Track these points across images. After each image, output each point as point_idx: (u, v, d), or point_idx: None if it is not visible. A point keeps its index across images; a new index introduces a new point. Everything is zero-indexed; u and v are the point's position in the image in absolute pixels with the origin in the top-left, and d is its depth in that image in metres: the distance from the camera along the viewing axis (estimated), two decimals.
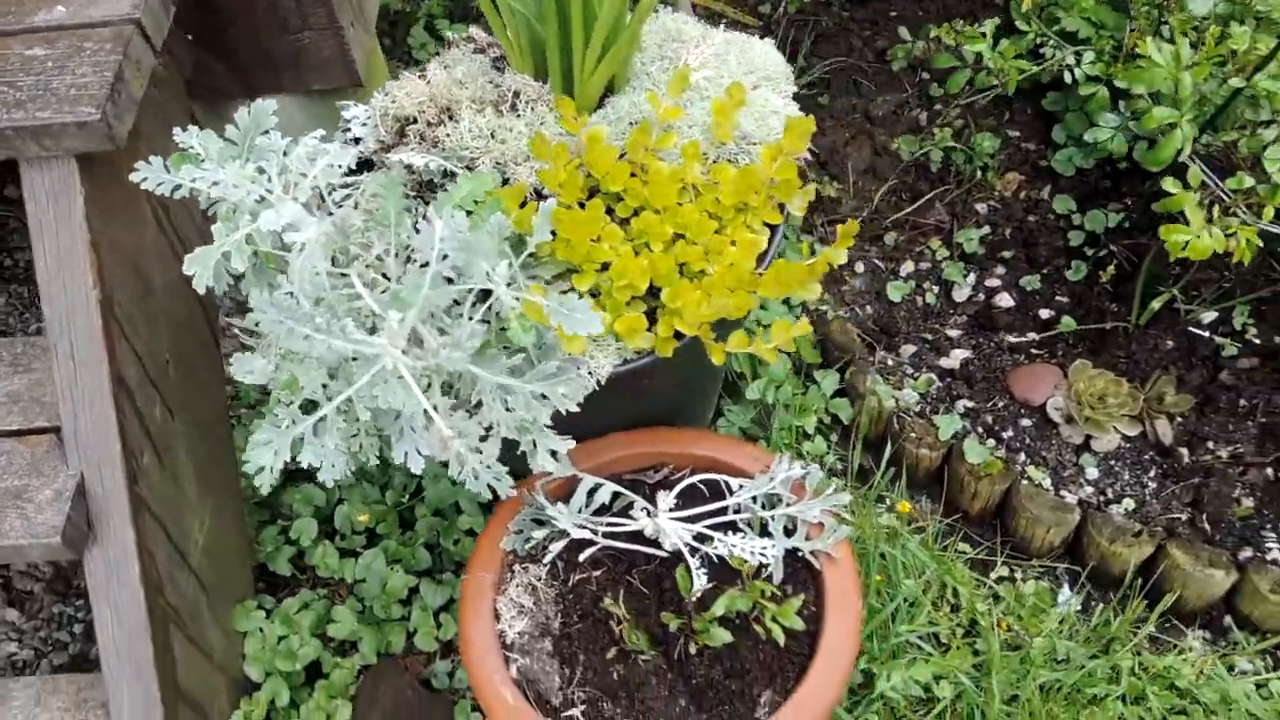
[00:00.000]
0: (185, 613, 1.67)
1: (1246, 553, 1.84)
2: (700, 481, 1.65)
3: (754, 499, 1.58)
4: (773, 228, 1.56)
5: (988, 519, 2.05)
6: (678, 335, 1.47)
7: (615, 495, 1.63)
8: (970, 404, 2.10)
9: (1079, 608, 1.95)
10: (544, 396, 1.28)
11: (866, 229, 2.50)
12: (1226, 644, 1.89)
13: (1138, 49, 1.75)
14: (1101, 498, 1.95)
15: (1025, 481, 1.95)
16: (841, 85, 2.80)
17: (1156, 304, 2.06)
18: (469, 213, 1.40)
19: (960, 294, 2.30)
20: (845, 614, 1.50)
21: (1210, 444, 1.98)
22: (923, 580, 1.93)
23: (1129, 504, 1.92)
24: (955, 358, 2.19)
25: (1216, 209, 1.67)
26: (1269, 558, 1.84)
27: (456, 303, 1.38)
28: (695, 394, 1.88)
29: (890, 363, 2.21)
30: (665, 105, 1.53)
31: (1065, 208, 2.36)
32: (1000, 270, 2.33)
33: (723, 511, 1.59)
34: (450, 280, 1.32)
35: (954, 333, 2.24)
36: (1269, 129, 1.64)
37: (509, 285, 1.34)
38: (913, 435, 2.03)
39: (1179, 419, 2.01)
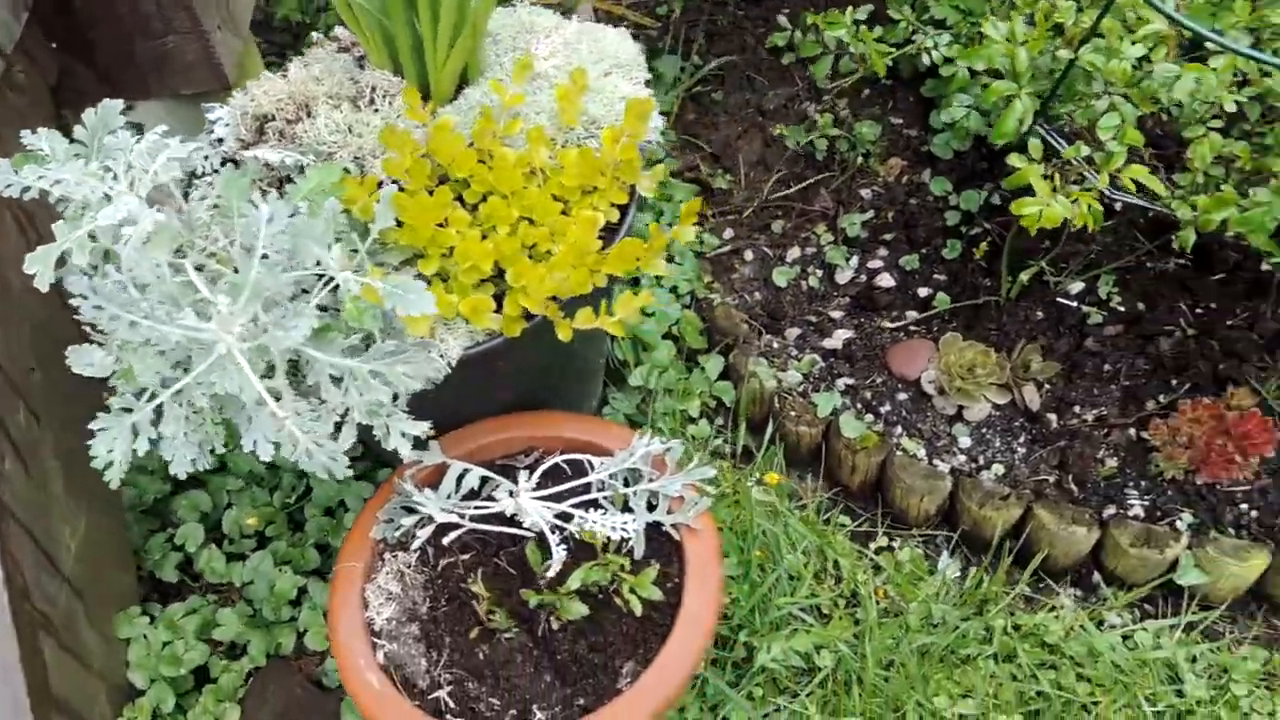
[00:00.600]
0: (57, 619, 1.66)
1: (1110, 510, 1.90)
2: (568, 462, 1.67)
3: (615, 476, 1.61)
4: (624, 208, 1.59)
5: (868, 492, 2.09)
6: (529, 316, 1.50)
7: (485, 480, 1.65)
8: (850, 381, 2.14)
9: (957, 573, 2.00)
10: (380, 376, 1.30)
11: (756, 218, 2.55)
12: (1096, 599, 1.95)
13: (983, 29, 1.81)
14: (973, 465, 2.00)
15: (900, 453, 2.00)
16: (735, 81, 2.85)
17: (1025, 276, 2.13)
18: (311, 202, 1.42)
19: (843, 276, 2.36)
20: (705, 583, 1.53)
21: (1076, 408, 2.04)
22: (805, 554, 1.96)
23: (998, 469, 1.97)
24: (838, 338, 2.24)
25: (1059, 178, 1.73)
26: (1131, 513, 1.90)
27: (305, 291, 1.41)
28: (570, 380, 1.91)
29: (775, 345, 2.25)
30: (510, 92, 1.56)
31: (942, 189, 2.42)
32: (882, 252, 2.39)
33: (586, 489, 1.62)
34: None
35: (837, 314, 2.29)
36: (1101, 100, 1.70)
37: (356, 271, 1.36)
38: (792, 414, 2.07)
39: (1047, 386, 2.07)
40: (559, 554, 1.53)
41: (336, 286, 1.34)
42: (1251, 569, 1.79)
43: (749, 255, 2.46)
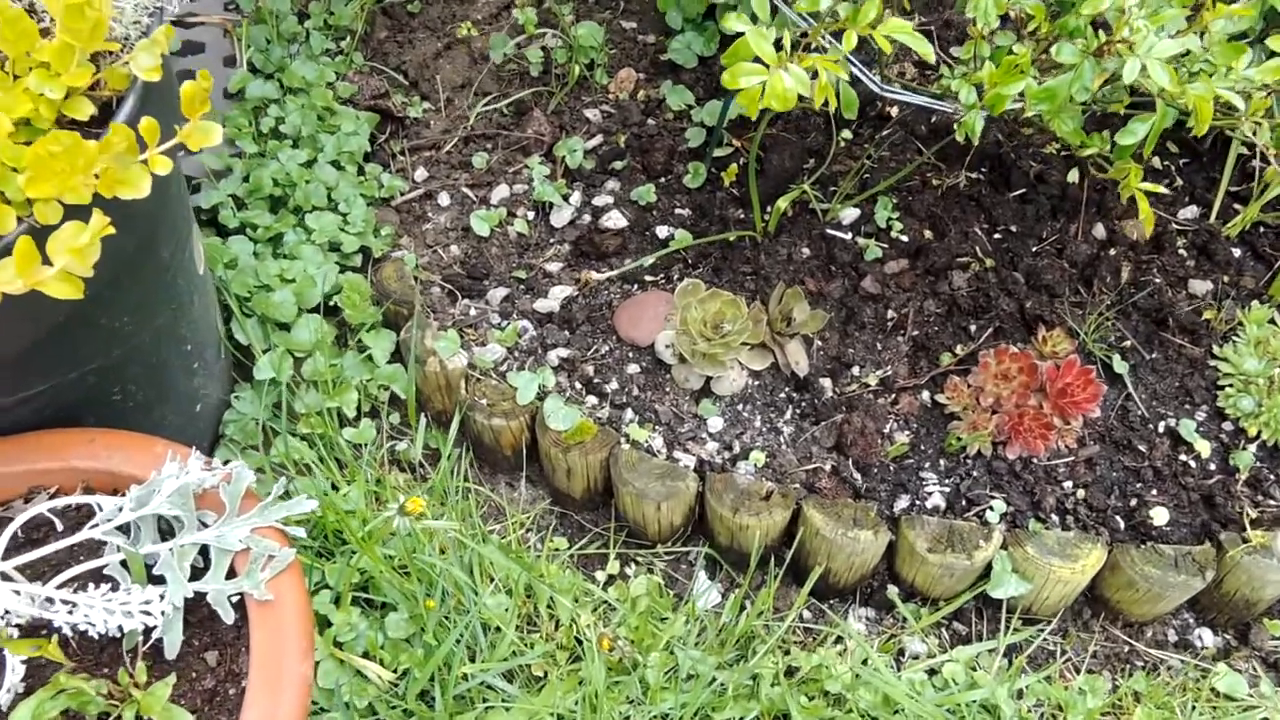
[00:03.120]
0: None
1: (903, 502, 1.43)
2: (79, 506, 1.04)
3: (134, 526, 0.99)
4: (113, 102, 0.97)
5: (596, 502, 1.55)
6: None
7: None
8: (567, 353, 1.59)
9: (716, 600, 1.49)
10: None
11: (459, 154, 1.96)
12: (894, 621, 1.47)
13: None
14: (727, 454, 1.49)
15: (627, 446, 1.47)
16: None
17: (784, 203, 1.63)
18: None
19: (560, 218, 1.80)
20: (277, 687, 0.94)
21: (854, 369, 1.56)
22: (508, 595, 1.40)
23: (759, 458, 1.46)
24: (554, 297, 1.68)
25: (793, 50, 1.22)
26: (928, 504, 1.42)
27: None
28: (136, 377, 1.26)
29: (474, 313, 1.68)
30: None
31: (682, 101, 1.91)
32: (612, 185, 1.85)
33: (92, 550, 0.99)
34: None
35: (554, 266, 1.74)
36: None
37: None
38: (484, 402, 1.50)
39: (818, 343, 1.58)
40: (11, 674, 0.90)
41: None
42: (1083, 569, 1.34)
43: (444, 200, 1.87)
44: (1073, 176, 1.74)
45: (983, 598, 1.41)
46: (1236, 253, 1.68)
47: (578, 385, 1.56)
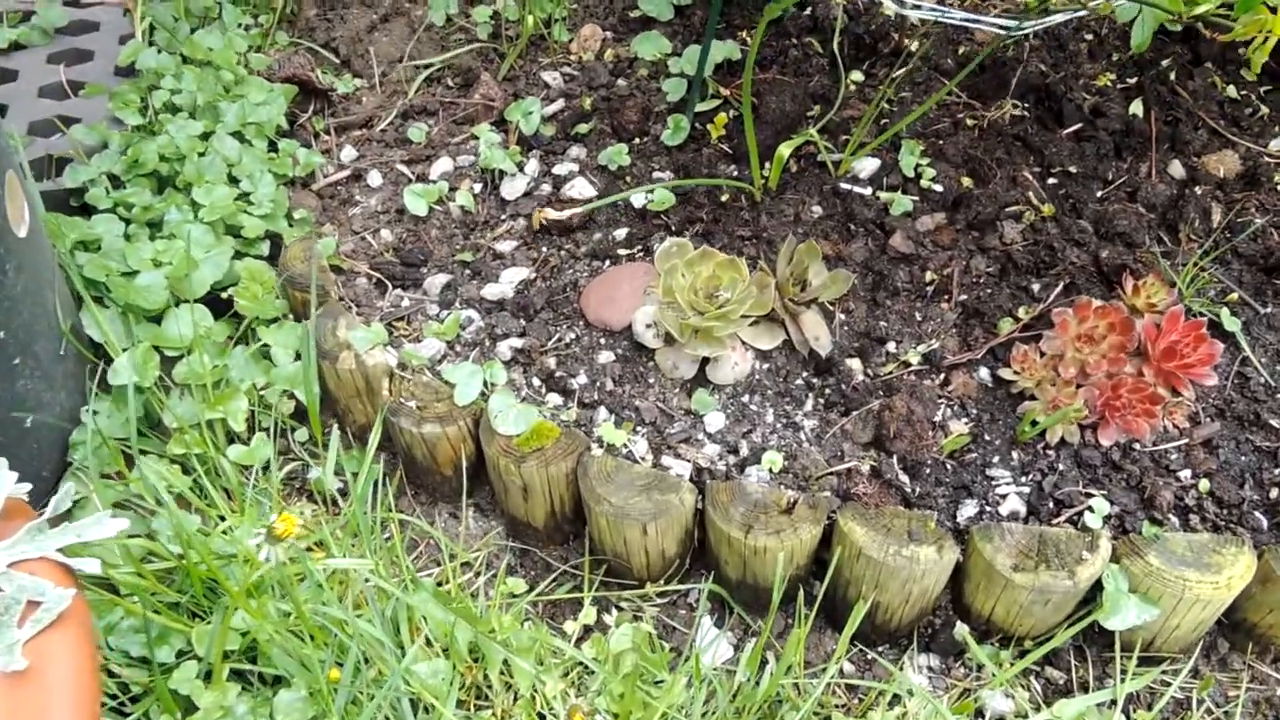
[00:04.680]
0: None
1: (969, 508, 1.07)
2: None
3: None
4: None
5: (565, 529, 1.19)
6: None
7: None
8: (521, 343, 1.25)
9: (728, 654, 1.12)
10: None
11: (396, 131, 1.64)
12: (967, 671, 1.10)
13: None
14: (731, 458, 1.13)
15: (598, 452, 1.11)
16: None
17: (786, 150, 1.30)
18: None
19: (513, 188, 1.47)
20: None
21: (891, 345, 1.21)
22: (447, 657, 1.04)
23: (774, 461, 1.11)
24: (507, 281, 1.35)
25: None
26: (1003, 509, 1.07)
27: None
28: None
29: (407, 304, 1.33)
30: None
31: (656, 50, 1.59)
32: (576, 152, 1.52)
33: None
34: None
35: (506, 245, 1.40)
36: None
37: None
38: (410, 405, 1.15)
39: (842, 316, 1.24)
40: None
41: None
42: (1228, 583, 0.98)
43: (376, 180, 1.54)
44: (1136, 108, 1.43)
45: (1085, 633, 1.05)
46: None
47: (536, 382, 1.22)
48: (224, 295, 1.32)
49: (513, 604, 1.13)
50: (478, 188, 1.49)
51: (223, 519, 1.12)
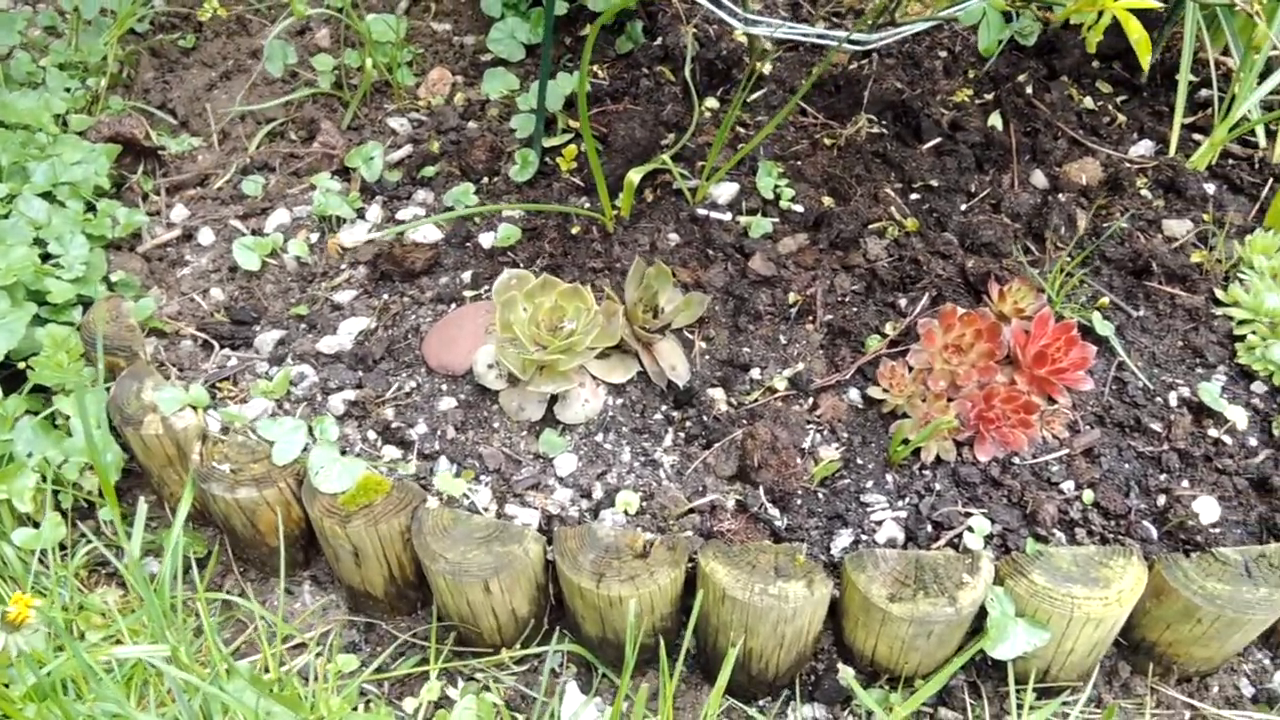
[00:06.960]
0: None
1: (843, 538, 0.98)
2: None
3: None
4: None
5: (413, 598, 1.07)
6: None
7: None
8: (355, 395, 1.13)
9: (598, 718, 1.00)
10: None
11: (233, 188, 1.53)
12: (856, 718, 1.00)
13: None
14: (585, 503, 1.03)
15: (433, 504, 1.00)
16: (219, 23, 1.87)
17: (636, 176, 1.22)
18: None
19: (353, 236, 1.37)
20: None
21: (755, 372, 1.13)
22: None
23: (629, 502, 1.01)
24: (346, 332, 1.24)
25: None
26: (879, 536, 0.98)
27: None
28: None
29: (234, 363, 1.21)
30: None
31: (504, 87, 1.52)
32: (422, 196, 1.43)
33: None
34: None
35: (345, 295, 1.29)
36: None
37: None
38: (223, 469, 1.02)
39: (700, 344, 1.15)
40: None
41: None
42: (1119, 597, 0.90)
43: (207, 238, 1.43)
44: (995, 121, 1.39)
45: (979, 668, 0.96)
46: (1209, 188, 1.33)
47: (371, 435, 1.10)
48: (21, 365, 1.18)
49: (345, 685, 1.00)
50: (314, 237, 1.38)
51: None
